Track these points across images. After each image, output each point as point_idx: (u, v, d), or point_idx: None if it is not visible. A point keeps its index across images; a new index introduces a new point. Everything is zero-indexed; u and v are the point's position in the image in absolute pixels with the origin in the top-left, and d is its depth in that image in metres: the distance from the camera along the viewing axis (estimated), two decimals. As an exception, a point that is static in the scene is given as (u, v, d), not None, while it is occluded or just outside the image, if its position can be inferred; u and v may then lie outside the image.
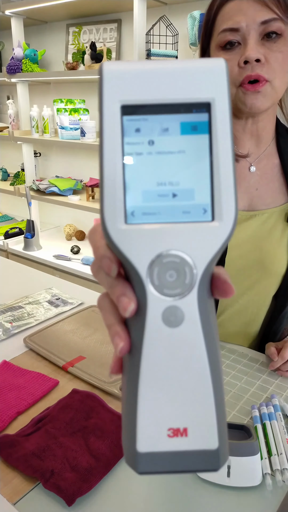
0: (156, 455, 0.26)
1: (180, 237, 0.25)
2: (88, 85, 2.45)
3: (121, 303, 0.25)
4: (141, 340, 0.25)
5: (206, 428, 0.26)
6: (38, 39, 2.61)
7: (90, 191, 2.28)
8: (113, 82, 0.24)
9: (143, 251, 0.25)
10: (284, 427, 0.64)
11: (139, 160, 0.24)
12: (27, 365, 0.81)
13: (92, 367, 0.79)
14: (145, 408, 0.26)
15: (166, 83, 0.24)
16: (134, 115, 0.24)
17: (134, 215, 0.25)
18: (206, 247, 0.25)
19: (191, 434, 0.26)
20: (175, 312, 0.25)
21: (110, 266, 0.26)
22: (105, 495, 0.55)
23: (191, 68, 0.24)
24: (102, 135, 0.24)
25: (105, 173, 0.24)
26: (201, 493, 0.55)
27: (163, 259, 0.25)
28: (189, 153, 0.25)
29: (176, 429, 0.26)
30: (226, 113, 0.24)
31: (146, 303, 0.25)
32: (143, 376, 0.25)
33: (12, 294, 1.11)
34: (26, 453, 0.58)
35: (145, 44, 1.92)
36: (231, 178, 0.24)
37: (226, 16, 0.69)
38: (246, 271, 0.82)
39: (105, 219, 0.24)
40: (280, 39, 0.68)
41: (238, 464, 0.55)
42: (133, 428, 0.26)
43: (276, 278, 0.83)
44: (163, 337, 0.25)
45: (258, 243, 0.81)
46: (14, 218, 3.06)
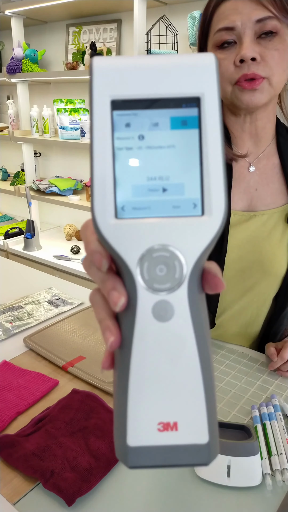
0: (147, 449, 0.26)
1: (170, 231, 0.25)
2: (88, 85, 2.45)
3: (111, 297, 0.25)
4: (132, 335, 0.25)
5: (196, 422, 0.26)
6: (38, 39, 2.61)
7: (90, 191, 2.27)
8: (103, 77, 0.24)
9: (133, 246, 0.25)
10: (284, 427, 0.64)
11: (129, 155, 0.25)
12: (27, 365, 0.81)
13: (92, 367, 0.79)
14: (135, 403, 0.26)
15: (156, 78, 0.24)
16: (124, 110, 0.24)
17: (124, 209, 0.25)
18: (196, 242, 0.25)
19: (181, 428, 0.26)
20: (165, 306, 0.25)
21: (101, 261, 0.26)
22: (105, 495, 0.55)
23: (181, 63, 0.24)
24: (92, 130, 0.24)
25: (95, 168, 0.24)
26: (201, 493, 0.55)
27: (153, 253, 0.25)
28: (179, 148, 0.25)
29: (166, 423, 0.26)
30: (215, 108, 0.24)
31: (136, 297, 0.25)
32: (133, 370, 0.25)
33: (12, 294, 1.11)
34: (26, 453, 0.58)
35: (145, 44, 1.92)
36: (220, 173, 0.25)
37: (222, 15, 0.70)
38: (246, 272, 0.82)
39: (95, 214, 0.24)
40: (276, 37, 0.68)
41: (238, 464, 0.55)
42: (123, 422, 0.26)
43: (276, 279, 0.83)
44: (153, 331, 0.25)
45: (258, 244, 0.81)
46: (14, 218, 3.06)
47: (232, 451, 0.55)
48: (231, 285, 0.84)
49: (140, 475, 0.58)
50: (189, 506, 0.53)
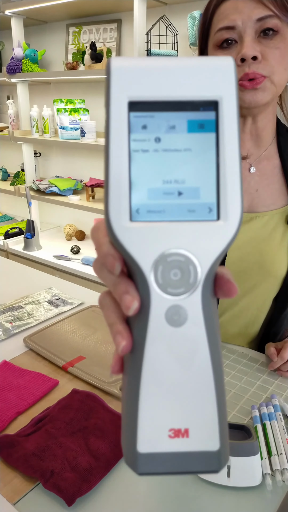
0: (157, 456, 0.25)
1: (185, 235, 0.24)
2: (88, 85, 2.45)
3: (124, 301, 0.25)
4: (144, 339, 0.25)
5: (207, 429, 0.26)
6: (38, 39, 2.61)
7: (90, 191, 2.28)
8: (121, 78, 0.24)
9: (147, 249, 0.24)
10: (284, 427, 0.64)
11: (145, 157, 0.24)
12: (27, 365, 0.81)
13: (92, 367, 0.79)
14: (146, 408, 0.25)
15: (174, 80, 0.24)
16: (141, 112, 0.24)
17: (139, 212, 0.24)
18: (211, 247, 0.25)
19: (192, 435, 0.25)
20: (178, 311, 0.25)
21: (113, 264, 0.25)
22: (105, 495, 0.55)
23: (199, 65, 0.24)
24: (109, 131, 0.24)
25: (110, 170, 0.24)
26: (201, 493, 0.55)
27: (168, 257, 0.24)
28: (195, 152, 0.24)
29: (177, 430, 0.25)
30: (233, 112, 0.24)
31: (150, 301, 0.25)
32: (144, 375, 0.25)
33: (12, 294, 1.11)
34: (26, 453, 0.58)
35: (145, 44, 1.92)
36: (237, 178, 0.24)
37: (222, 15, 0.69)
38: (246, 273, 0.82)
39: (109, 216, 0.24)
40: (276, 36, 0.68)
41: (238, 464, 0.55)
42: (134, 428, 0.25)
43: (276, 281, 0.82)
44: (166, 336, 0.25)
45: (258, 246, 0.80)
46: (14, 218, 3.06)
47: (232, 451, 0.55)
48: None
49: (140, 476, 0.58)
50: (189, 506, 0.53)
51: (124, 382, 0.27)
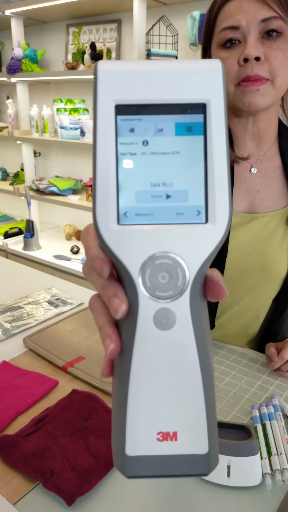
0: (145, 459, 0.25)
1: (173, 238, 0.24)
2: (88, 85, 2.45)
3: (112, 304, 0.25)
4: (132, 342, 0.25)
5: (196, 432, 0.25)
6: (38, 39, 2.61)
7: (89, 191, 2.28)
8: (108, 81, 0.24)
9: (135, 252, 0.24)
10: (284, 427, 0.64)
11: (133, 160, 0.24)
12: (27, 365, 0.81)
13: (92, 367, 0.79)
14: (135, 411, 0.25)
15: (161, 83, 0.24)
16: (129, 115, 0.24)
17: (127, 215, 0.24)
18: (199, 249, 0.24)
19: (181, 438, 0.25)
20: (166, 314, 0.25)
21: (102, 267, 0.25)
22: (105, 495, 0.55)
23: (187, 68, 0.24)
24: (96, 135, 0.24)
25: (98, 173, 0.24)
26: (201, 493, 0.55)
27: (156, 260, 0.24)
28: (183, 154, 0.24)
29: (165, 433, 0.25)
30: (221, 115, 0.24)
31: (138, 305, 0.25)
32: (133, 378, 0.25)
33: (11, 294, 1.11)
34: (26, 453, 0.58)
35: (145, 44, 1.92)
36: (225, 180, 0.24)
37: (227, 15, 0.69)
38: (247, 274, 0.82)
39: (97, 220, 0.24)
40: (280, 38, 0.67)
41: (238, 464, 0.55)
42: (122, 431, 0.25)
43: (277, 281, 0.82)
44: (154, 339, 0.25)
45: (258, 246, 0.80)
46: (14, 218, 3.06)
47: (232, 451, 0.55)
48: (231, 287, 0.83)
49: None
50: (189, 506, 0.53)
51: (113, 385, 0.27)
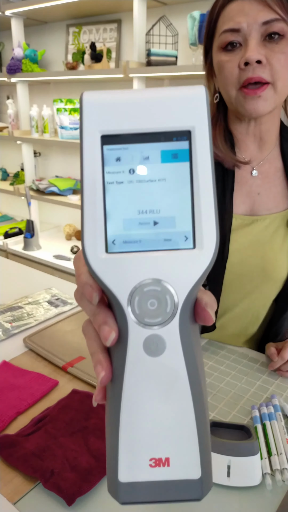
0: (138, 485, 0.25)
1: (160, 265, 0.24)
2: (88, 85, 2.45)
3: (102, 332, 0.25)
4: (123, 369, 0.25)
5: (188, 458, 0.25)
6: (38, 39, 2.61)
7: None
8: (93, 112, 0.24)
9: (123, 280, 0.24)
10: (284, 427, 0.64)
11: (120, 189, 0.24)
12: (27, 365, 0.81)
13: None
14: (127, 438, 0.25)
15: (146, 112, 0.24)
16: (114, 145, 0.24)
17: (115, 243, 0.25)
18: (187, 275, 0.24)
19: (173, 464, 0.25)
20: (156, 341, 0.25)
21: (91, 294, 0.25)
22: (105, 495, 0.55)
23: (171, 96, 0.24)
24: (83, 164, 0.24)
25: (85, 202, 0.24)
26: (201, 493, 0.55)
27: (144, 288, 0.24)
28: (170, 181, 0.25)
29: (158, 459, 0.25)
30: (206, 141, 0.24)
31: (128, 331, 0.25)
32: (124, 405, 0.25)
33: (11, 294, 1.11)
34: (26, 453, 0.58)
35: (145, 44, 1.92)
36: (212, 206, 0.24)
37: (228, 17, 0.68)
38: (247, 276, 0.82)
39: (85, 248, 0.24)
40: (282, 40, 0.66)
41: (238, 464, 0.55)
42: (115, 457, 0.25)
43: (277, 284, 0.82)
44: (144, 366, 0.25)
45: (259, 249, 0.80)
46: (14, 218, 3.06)
47: (232, 451, 0.55)
48: (232, 289, 0.83)
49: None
50: (189, 506, 0.53)
51: (106, 410, 0.27)
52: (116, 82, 2.31)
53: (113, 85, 2.34)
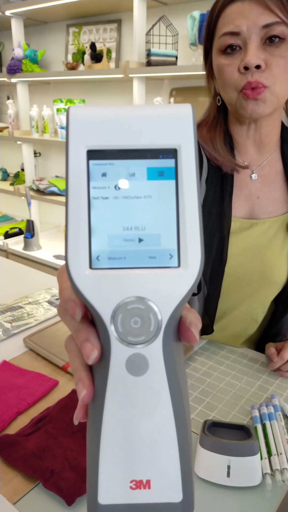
0: (118, 508, 0.25)
1: (145, 283, 0.24)
2: (88, 85, 2.45)
3: (84, 349, 0.24)
4: (104, 388, 0.24)
5: (169, 480, 0.25)
6: (38, 39, 2.61)
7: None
8: (80, 126, 0.24)
9: (107, 297, 0.24)
10: (284, 427, 0.64)
11: (105, 205, 0.24)
12: (27, 365, 0.81)
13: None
14: (107, 459, 0.25)
15: (133, 128, 0.24)
16: (100, 160, 0.24)
17: (99, 259, 0.24)
18: (171, 294, 0.24)
19: (154, 487, 0.25)
20: (139, 360, 0.24)
21: (74, 310, 0.25)
22: (105, 495, 0.55)
23: (158, 114, 0.24)
24: (68, 179, 0.24)
25: (70, 216, 0.24)
26: (201, 493, 0.55)
27: (128, 305, 0.24)
28: (155, 198, 0.24)
29: (139, 481, 0.25)
30: (192, 159, 0.24)
31: (110, 349, 0.24)
32: (105, 425, 0.25)
33: (12, 294, 1.11)
34: (26, 453, 0.58)
35: (145, 44, 1.92)
36: (197, 224, 0.24)
37: (227, 19, 0.67)
38: (247, 279, 0.82)
39: (68, 264, 0.24)
40: (283, 44, 0.65)
41: (238, 464, 0.55)
42: (95, 479, 0.25)
43: (276, 287, 0.82)
44: (126, 386, 0.24)
45: (258, 252, 0.80)
46: (14, 218, 3.06)
47: (232, 451, 0.55)
48: (231, 292, 0.83)
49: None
50: (189, 506, 0.53)
51: (87, 430, 0.27)
52: (116, 82, 2.31)
53: (113, 85, 2.34)
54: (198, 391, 0.74)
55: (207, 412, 0.69)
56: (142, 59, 1.94)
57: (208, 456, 0.56)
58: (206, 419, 0.65)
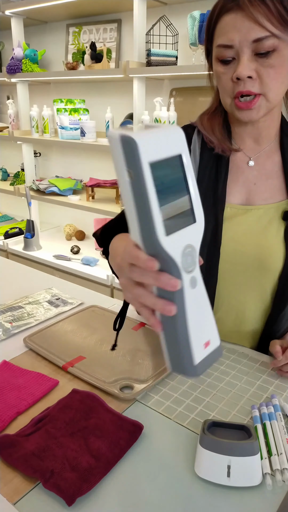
0: (202, 361, 0.44)
1: (188, 236, 0.42)
2: (88, 85, 2.45)
3: (170, 283, 0.41)
4: (183, 300, 0.42)
5: (215, 336, 0.47)
6: (38, 39, 2.61)
7: (90, 191, 2.28)
8: (145, 146, 0.37)
9: (177, 248, 0.41)
10: (284, 427, 0.64)
11: (161, 195, 0.38)
12: (27, 365, 0.81)
13: (92, 367, 0.79)
14: (194, 337, 0.43)
15: (164, 146, 0.39)
16: (156, 168, 0.38)
17: (167, 230, 0.39)
18: (197, 239, 0.43)
19: (211, 342, 0.46)
20: (194, 280, 0.43)
21: (153, 265, 0.40)
22: (105, 495, 0.55)
23: (167, 134, 0.40)
24: (138, 186, 0.37)
25: (149, 206, 0.38)
26: (201, 493, 0.55)
27: (186, 249, 0.41)
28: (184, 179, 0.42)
29: (206, 342, 0.45)
30: (189, 162, 0.41)
31: (182, 278, 0.42)
32: (188, 317, 0.43)
33: (12, 294, 1.12)
34: (26, 453, 0.58)
35: (145, 44, 1.92)
36: (196, 192, 0.43)
37: (222, 30, 0.71)
38: (242, 265, 0.83)
39: (158, 235, 0.38)
40: (273, 54, 0.69)
41: (238, 464, 0.55)
42: (188, 351, 0.43)
43: (272, 274, 0.83)
44: (192, 294, 0.43)
45: (253, 238, 0.82)
46: (14, 218, 3.06)
47: (232, 451, 0.55)
48: (228, 279, 0.85)
49: (140, 475, 0.58)
50: (189, 506, 0.53)
51: (166, 330, 0.44)
52: (116, 82, 2.31)
53: (113, 85, 2.34)
54: (198, 391, 0.74)
55: (207, 412, 0.69)
56: (142, 59, 1.94)
57: (208, 456, 0.56)
58: (206, 419, 0.65)
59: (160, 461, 0.60)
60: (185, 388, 0.75)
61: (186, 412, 0.69)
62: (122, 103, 2.31)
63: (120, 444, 0.61)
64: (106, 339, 0.90)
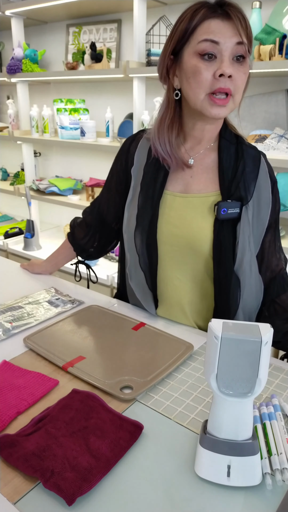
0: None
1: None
2: (88, 85, 2.45)
3: None
4: None
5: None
6: (38, 39, 2.61)
7: (90, 191, 2.27)
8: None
9: None
10: (284, 427, 0.64)
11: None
12: (27, 365, 0.81)
13: (92, 367, 0.79)
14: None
15: None
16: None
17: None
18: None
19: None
20: None
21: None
22: (105, 495, 0.55)
23: None
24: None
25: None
26: (201, 493, 0.55)
27: None
28: None
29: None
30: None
31: None
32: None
33: (12, 294, 1.12)
34: (26, 453, 0.58)
35: (145, 44, 1.92)
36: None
37: (209, 29, 0.80)
38: (177, 246, 0.95)
39: None
40: (244, 62, 0.82)
41: (238, 464, 0.55)
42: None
43: (202, 257, 0.94)
44: None
45: (186, 222, 0.94)
46: (14, 218, 3.06)
47: (232, 451, 0.55)
48: (167, 259, 0.97)
49: (140, 475, 0.58)
50: (189, 506, 0.53)
51: None
52: (116, 82, 2.31)
53: (113, 85, 2.34)
54: (198, 391, 0.74)
55: (207, 412, 0.69)
56: (142, 59, 1.94)
57: (208, 456, 0.56)
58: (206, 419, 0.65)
59: (160, 461, 0.60)
60: (185, 388, 0.75)
61: (186, 412, 0.69)
62: (122, 103, 2.31)
63: (120, 444, 0.61)
64: (106, 339, 0.90)
